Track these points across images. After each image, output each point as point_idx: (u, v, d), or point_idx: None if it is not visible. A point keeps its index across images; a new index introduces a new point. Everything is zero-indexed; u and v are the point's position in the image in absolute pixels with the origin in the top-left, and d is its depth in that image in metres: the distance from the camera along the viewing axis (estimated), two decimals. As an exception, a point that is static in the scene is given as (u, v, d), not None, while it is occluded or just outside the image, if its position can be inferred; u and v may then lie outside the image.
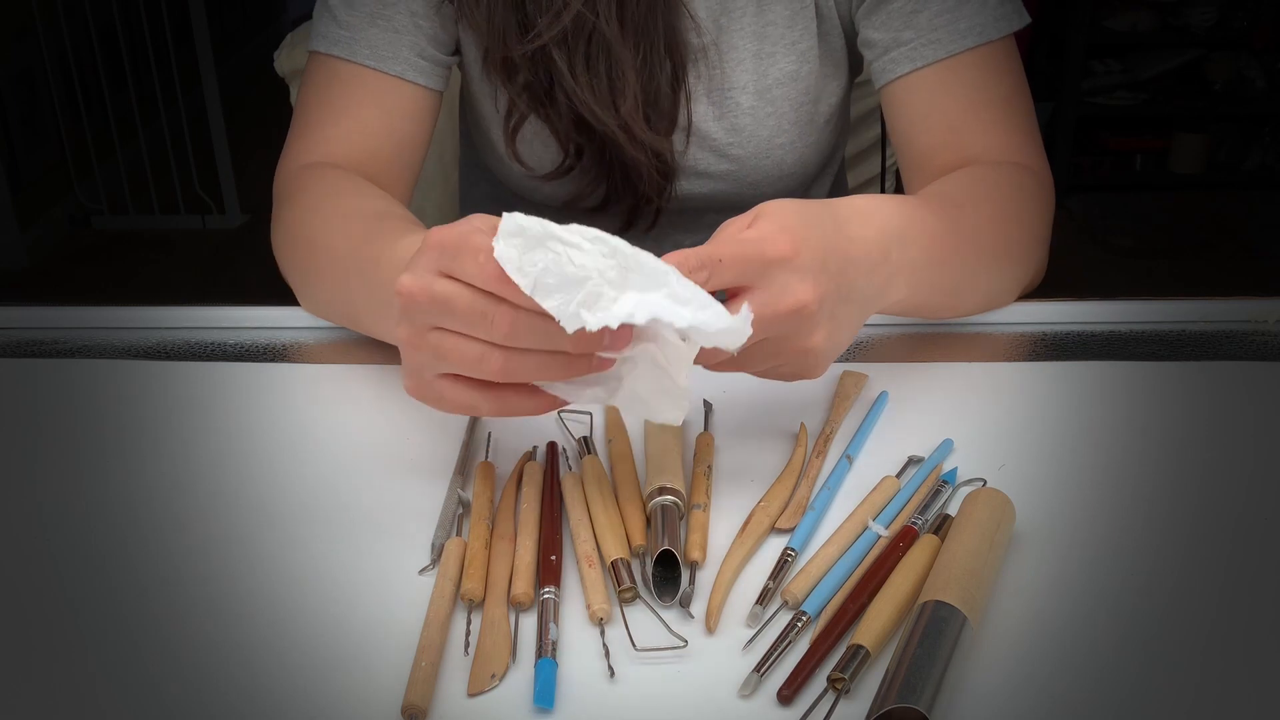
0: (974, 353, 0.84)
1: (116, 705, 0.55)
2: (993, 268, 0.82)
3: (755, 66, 0.90)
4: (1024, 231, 0.84)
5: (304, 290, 0.87)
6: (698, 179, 0.94)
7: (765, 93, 0.91)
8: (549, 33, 0.83)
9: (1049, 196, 0.86)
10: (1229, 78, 3.63)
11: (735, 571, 0.62)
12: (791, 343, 0.63)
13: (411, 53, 0.88)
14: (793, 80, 0.91)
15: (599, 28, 0.83)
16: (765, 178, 0.94)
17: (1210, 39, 3.59)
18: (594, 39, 0.84)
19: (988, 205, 0.81)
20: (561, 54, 0.84)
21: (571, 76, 0.85)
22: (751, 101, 0.91)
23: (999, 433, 0.73)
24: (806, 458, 0.71)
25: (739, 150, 0.92)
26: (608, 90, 0.85)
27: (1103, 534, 0.64)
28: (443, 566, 0.62)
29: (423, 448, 0.74)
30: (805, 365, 0.65)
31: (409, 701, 0.53)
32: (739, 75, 0.90)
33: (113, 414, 0.79)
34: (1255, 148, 3.67)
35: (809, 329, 0.62)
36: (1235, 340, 0.84)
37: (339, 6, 0.89)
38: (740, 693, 0.54)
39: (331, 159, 0.88)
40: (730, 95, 0.91)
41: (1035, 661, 0.56)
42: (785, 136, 0.92)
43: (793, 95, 0.92)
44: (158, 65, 3.35)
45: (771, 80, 0.91)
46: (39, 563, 0.65)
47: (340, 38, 0.88)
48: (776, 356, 0.64)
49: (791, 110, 0.92)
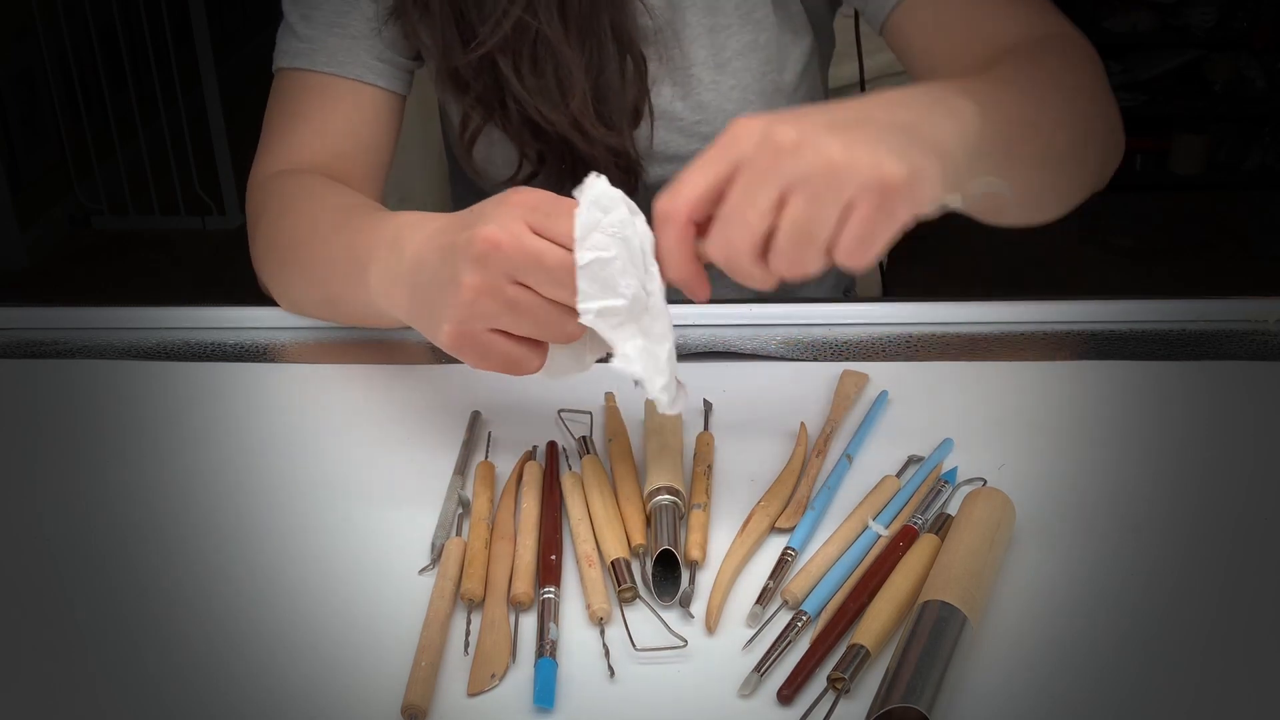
0: (974, 353, 0.84)
1: (116, 705, 0.55)
2: (1057, 117, 0.72)
3: (711, 41, 0.90)
4: (1075, 93, 0.76)
5: (281, 282, 0.87)
6: (671, 163, 0.94)
7: (724, 66, 0.91)
8: (491, 40, 0.83)
9: (1085, 51, 0.80)
10: (1229, 78, 3.63)
11: (735, 571, 0.62)
12: (783, 171, 0.54)
13: (369, 56, 0.89)
14: (751, 50, 0.91)
15: (541, 31, 0.83)
16: None
17: (1210, 39, 3.59)
18: (538, 42, 0.84)
19: (1033, 65, 0.74)
20: (506, 60, 0.85)
21: (519, 81, 0.85)
22: (713, 77, 0.91)
23: (999, 433, 0.73)
24: (807, 457, 0.71)
25: (707, 127, 0.92)
26: (556, 91, 0.85)
27: (1103, 534, 0.64)
28: (443, 566, 0.62)
29: (423, 448, 0.74)
30: (867, 185, 0.53)
31: (409, 701, 0.53)
32: (696, 52, 0.90)
33: (113, 414, 0.79)
34: (1255, 148, 3.66)
35: (777, 144, 0.54)
36: (1235, 340, 0.84)
37: (298, 23, 0.90)
38: (740, 693, 0.54)
39: (297, 165, 0.89)
40: (691, 74, 0.91)
41: (1035, 661, 0.56)
42: (752, 108, 0.91)
43: (753, 66, 0.91)
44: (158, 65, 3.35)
45: (730, 53, 0.91)
46: (39, 563, 0.65)
47: (300, 50, 0.90)
48: (792, 192, 0.54)
49: (755, 81, 0.92)
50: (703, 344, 0.85)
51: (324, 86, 0.89)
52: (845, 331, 0.87)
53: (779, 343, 0.86)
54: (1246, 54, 3.61)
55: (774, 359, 0.83)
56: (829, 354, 0.84)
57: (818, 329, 0.88)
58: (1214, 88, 3.65)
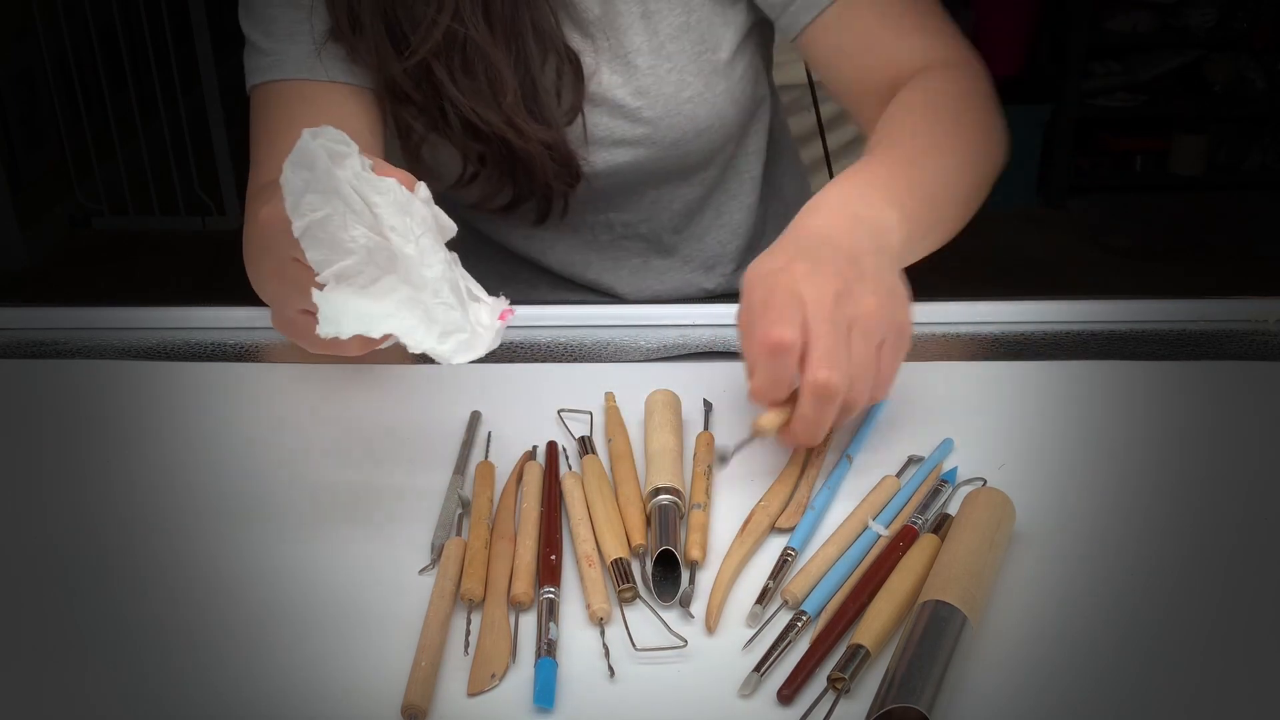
0: (974, 353, 0.84)
1: (117, 704, 0.55)
2: (961, 173, 0.83)
3: (645, 27, 0.92)
4: (971, 129, 0.86)
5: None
6: (618, 148, 0.96)
7: (659, 49, 0.92)
8: (423, 48, 0.86)
9: (975, 78, 0.88)
10: (1229, 79, 3.63)
11: (735, 571, 0.62)
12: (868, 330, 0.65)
13: (336, 59, 0.90)
14: (684, 32, 0.93)
15: (470, 35, 0.86)
16: (683, 135, 0.95)
17: (1210, 40, 3.59)
18: (468, 46, 0.87)
19: (932, 120, 0.83)
20: (440, 66, 0.87)
21: (453, 85, 0.88)
22: (650, 61, 0.93)
23: (999, 433, 0.73)
24: (807, 457, 0.71)
25: (649, 112, 0.94)
26: (489, 92, 0.88)
27: (1103, 534, 0.64)
28: (443, 566, 0.62)
29: (422, 448, 0.74)
30: (893, 327, 0.66)
31: (409, 701, 0.53)
32: (632, 39, 0.92)
33: (113, 414, 0.79)
34: (1255, 149, 3.66)
35: (850, 304, 0.64)
36: (1235, 340, 0.84)
37: (260, 39, 0.91)
38: (740, 693, 0.54)
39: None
40: (629, 60, 0.93)
41: (1035, 661, 0.56)
42: (691, 89, 0.94)
43: (687, 47, 0.93)
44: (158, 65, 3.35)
45: (664, 36, 0.92)
46: (40, 562, 0.65)
47: (267, 64, 0.90)
48: (867, 351, 0.65)
49: (691, 62, 0.93)
50: (703, 344, 0.85)
51: (300, 93, 0.90)
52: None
53: (779, 343, 0.86)
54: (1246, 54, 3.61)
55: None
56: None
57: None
58: (1214, 88, 3.65)
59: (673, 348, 0.85)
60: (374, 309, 0.56)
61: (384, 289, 0.56)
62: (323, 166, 0.55)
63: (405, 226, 0.55)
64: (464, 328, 0.57)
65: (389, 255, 0.55)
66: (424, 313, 0.56)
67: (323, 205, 0.55)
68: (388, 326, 0.56)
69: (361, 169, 0.56)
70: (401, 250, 0.55)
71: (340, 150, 0.55)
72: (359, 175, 0.55)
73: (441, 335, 0.56)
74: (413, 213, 0.56)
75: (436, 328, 0.56)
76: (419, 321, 0.56)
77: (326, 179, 0.55)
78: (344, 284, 0.55)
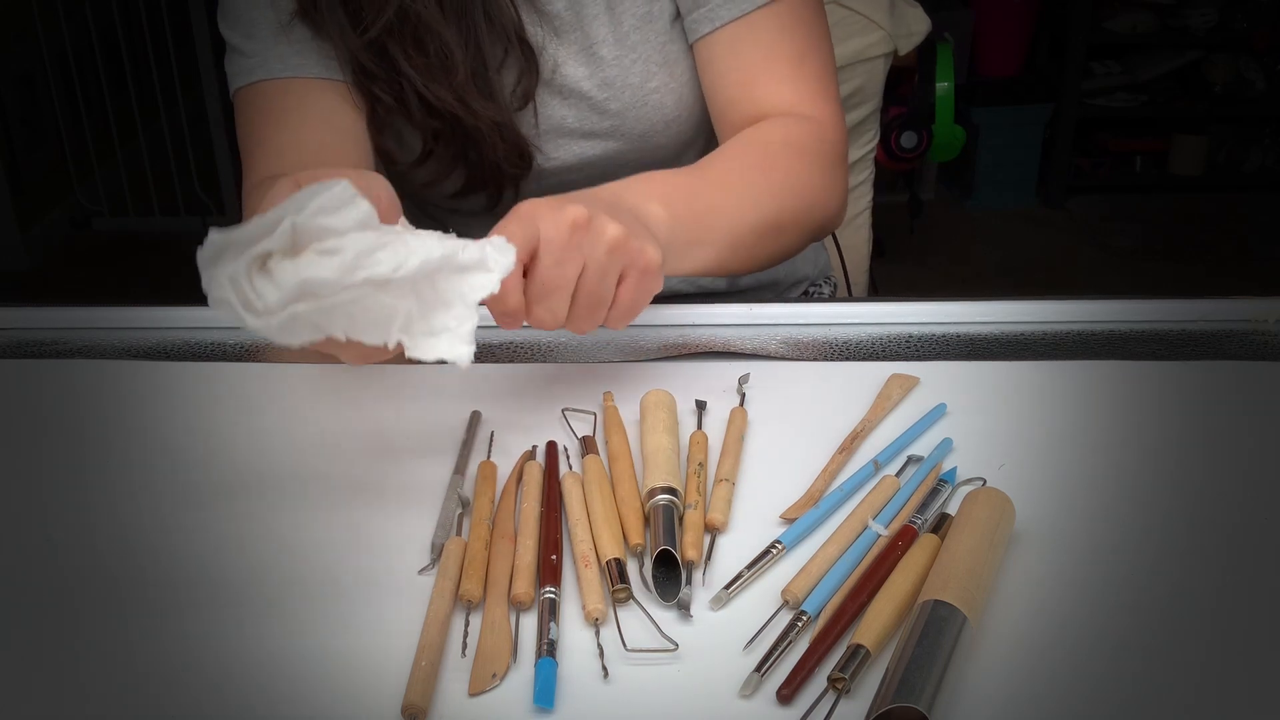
0: (974, 353, 0.84)
1: (117, 704, 0.55)
2: (744, 204, 0.86)
3: (609, 18, 0.93)
4: (784, 175, 0.89)
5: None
6: (587, 140, 0.97)
7: (624, 40, 0.93)
8: (376, 25, 0.88)
9: (823, 141, 0.92)
10: (1229, 79, 3.63)
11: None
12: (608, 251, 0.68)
13: (319, 55, 0.91)
14: (647, 22, 0.94)
15: (421, 14, 0.88)
16: (651, 127, 0.96)
17: (1210, 40, 3.59)
18: (419, 24, 0.89)
19: (742, 155, 0.88)
20: (395, 43, 0.89)
21: (407, 61, 0.90)
22: (614, 52, 0.94)
23: (999, 433, 0.73)
24: None
25: (615, 104, 0.95)
26: (440, 69, 0.90)
27: (1102, 533, 0.64)
28: (443, 566, 0.62)
29: (423, 448, 0.74)
30: (636, 260, 0.70)
31: (409, 701, 0.53)
32: (597, 30, 0.93)
33: (113, 414, 0.79)
34: (1255, 149, 3.67)
35: (590, 232, 0.67)
36: (1235, 340, 0.84)
37: (241, 42, 0.92)
38: (740, 693, 0.54)
39: (283, 171, 0.88)
40: (594, 51, 0.94)
41: (1035, 661, 0.56)
42: (656, 80, 0.95)
43: (651, 38, 0.94)
44: (158, 66, 3.35)
45: (628, 27, 0.93)
46: (39, 562, 0.65)
47: (251, 66, 0.91)
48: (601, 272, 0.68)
49: (655, 52, 0.94)
50: (702, 344, 0.85)
51: (285, 90, 0.91)
52: (845, 331, 0.87)
53: (779, 343, 0.86)
54: (1246, 55, 3.61)
55: (774, 359, 0.83)
56: (829, 354, 0.84)
57: (817, 329, 0.88)
58: (1214, 89, 3.65)
59: (671, 348, 0.85)
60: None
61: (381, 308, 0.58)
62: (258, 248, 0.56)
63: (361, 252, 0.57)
64: (448, 328, 0.60)
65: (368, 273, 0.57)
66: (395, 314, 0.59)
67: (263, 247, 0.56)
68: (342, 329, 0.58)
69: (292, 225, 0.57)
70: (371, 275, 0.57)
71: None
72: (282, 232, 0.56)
73: (424, 336, 0.59)
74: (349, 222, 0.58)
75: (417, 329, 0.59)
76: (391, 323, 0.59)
77: (266, 239, 0.56)
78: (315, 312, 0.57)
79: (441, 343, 0.60)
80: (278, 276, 0.56)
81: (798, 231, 0.90)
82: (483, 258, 0.61)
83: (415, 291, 0.59)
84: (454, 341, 0.60)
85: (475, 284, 0.61)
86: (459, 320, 0.60)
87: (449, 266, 0.60)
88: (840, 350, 0.85)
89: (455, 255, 0.60)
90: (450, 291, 0.61)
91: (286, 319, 0.57)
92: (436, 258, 0.59)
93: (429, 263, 0.58)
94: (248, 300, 0.56)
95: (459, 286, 0.61)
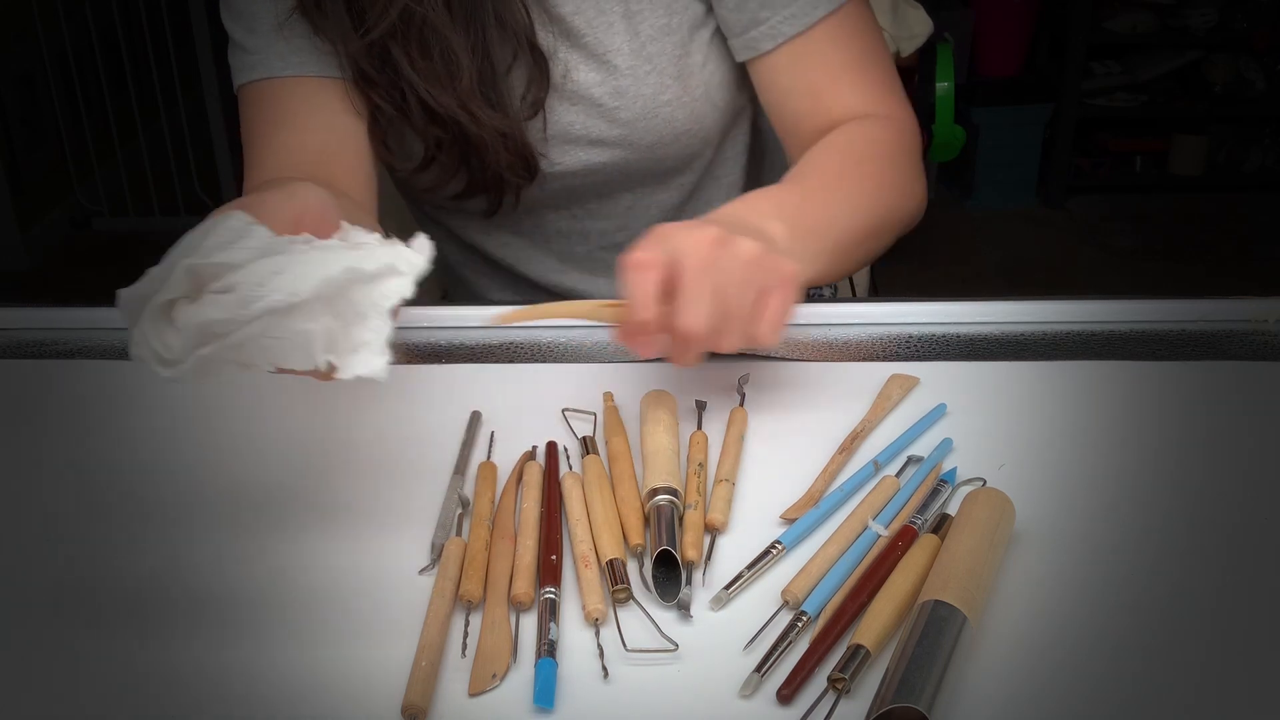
0: (974, 353, 0.84)
1: (117, 704, 0.55)
2: (845, 212, 0.86)
3: (626, 27, 0.91)
4: (875, 178, 0.89)
5: None
6: (594, 148, 0.95)
7: (640, 50, 0.92)
8: (379, 26, 0.86)
9: (900, 134, 0.92)
10: (1229, 79, 3.63)
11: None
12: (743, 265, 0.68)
13: (320, 53, 0.90)
14: (666, 34, 0.92)
15: (428, 16, 0.86)
16: (659, 139, 0.95)
17: (1210, 40, 3.59)
18: (425, 27, 0.87)
19: (835, 163, 0.88)
20: (398, 46, 0.87)
21: (410, 66, 0.88)
22: (629, 62, 0.92)
23: (999, 433, 0.73)
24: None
25: (626, 113, 0.93)
26: (445, 74, 0.88)
27: (1102, 533, 0.64)
28: (443, 566, 0.62)
29: (423, 448, 0.74)
30: (775, 274, 0.69)
31: (409, 701, 0.53)
32: (612, 38, 0.91)
33: (113, 414, 0.79)
34: (1255, 150, 3.66)
35: (728, 249, 0.67)
36: (1235, 340, 0.84)
37: (244, 38, 0.91)
38: (740, 693, 0.54)
39: (284, 172, 0.88)
40: (608, 59, 0.92)
41: (1035, 661, 0.56)
42: (670, 93, 0.93)
43: (669, 49, 0.92)
44: (158, 66, 3.35)
45: (645, 37, 0.92)
46: (39, 563, 0.65)
47: (253, 63, 0.90)
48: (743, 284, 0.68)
49: (671, 65, 0.93)
50: (703, 344, 0.85)
51: (289, 89, 0.90)
52: (845, 332, 0.87)
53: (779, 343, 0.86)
54: (1246, 55, 3.61)
55: (774, 359, 0.83)
56: (829, 354, 0.84)
57: (817, 329, 0.88)
58: (1214, 89, 3.65)
59: (672, 348, 0.85)
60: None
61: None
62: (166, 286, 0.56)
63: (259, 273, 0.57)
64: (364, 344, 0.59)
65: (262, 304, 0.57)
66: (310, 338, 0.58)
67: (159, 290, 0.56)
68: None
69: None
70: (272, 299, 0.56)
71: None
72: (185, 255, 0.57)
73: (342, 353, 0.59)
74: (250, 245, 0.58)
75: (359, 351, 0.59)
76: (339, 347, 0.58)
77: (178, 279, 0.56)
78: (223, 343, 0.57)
79: (359, 359, 0.59)
80: (180, 322, 0.56)
81: (891, 232, 0.90)
82: (392, 262, 0.60)
83: (331, 309, 0.58)
84: (369, 355, 0.59)
85: (387, 291, 0.59)
86: (375, 331, 0.59)
87: (357, 278, 0.58)
88: (840, 350, 0.85)
89: (360, 266, 0.58)
90: (364, 303, 0.59)
91: (195, 364, 0.56)
92: (338, 274, 0.57)
93: (331, 281, 0.57)
94: (156, 353, 0.56)
95: (370, 296, 0.59)
